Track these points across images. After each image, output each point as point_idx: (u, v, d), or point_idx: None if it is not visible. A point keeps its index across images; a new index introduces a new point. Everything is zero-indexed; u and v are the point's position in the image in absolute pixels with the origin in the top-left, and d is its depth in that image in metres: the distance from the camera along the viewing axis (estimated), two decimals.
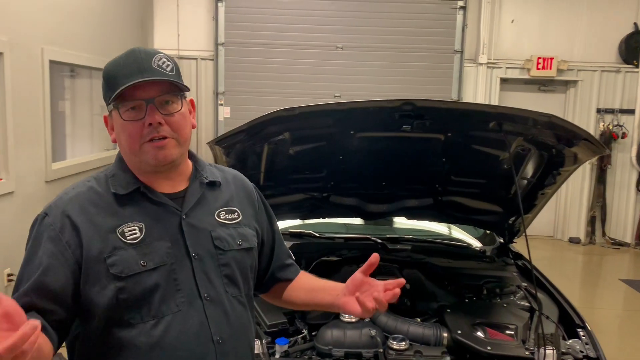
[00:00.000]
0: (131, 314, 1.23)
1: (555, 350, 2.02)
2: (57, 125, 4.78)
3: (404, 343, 2.03)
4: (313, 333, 2.18)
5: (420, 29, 7.01)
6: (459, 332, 2.11)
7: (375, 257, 1.33)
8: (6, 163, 3.81)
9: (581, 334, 2.22)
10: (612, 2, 7.19)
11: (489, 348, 2.03)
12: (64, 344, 1.29)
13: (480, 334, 2.12)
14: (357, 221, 3.30)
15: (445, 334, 2.12)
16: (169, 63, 1.30)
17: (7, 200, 3.79)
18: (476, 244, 3.26)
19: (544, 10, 7.22)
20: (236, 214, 1.42)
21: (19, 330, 0.89)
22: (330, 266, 2.69)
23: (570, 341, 2.17)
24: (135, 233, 1.26)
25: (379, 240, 2.99)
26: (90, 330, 1.25)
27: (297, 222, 3.25)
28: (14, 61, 3.84)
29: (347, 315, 2.15)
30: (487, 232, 3.27)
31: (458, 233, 3.41)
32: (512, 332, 2.15)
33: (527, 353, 2.02)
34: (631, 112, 7.27)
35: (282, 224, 3.18)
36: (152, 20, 7.16)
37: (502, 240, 3.10)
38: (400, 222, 3.38)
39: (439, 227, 3.43)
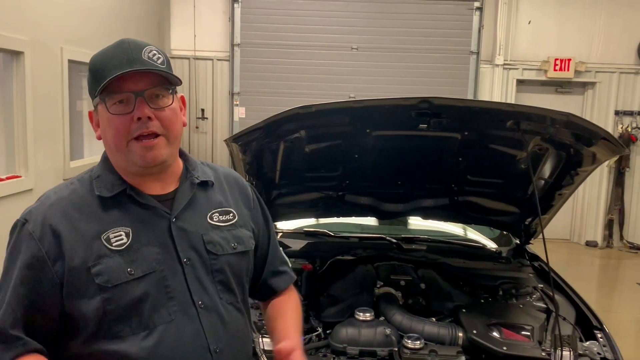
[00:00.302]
0: (120, 326, 1.16)
1: (572, 352, 2.00)
2: (75, 125, 4.84)
3: (418, 342, 2.02)
4: (328, 331, 2.18)
5: (436, 30, 6.98)
6: (475, 331, 2.09)
7: (283, 350, 1.28)
8: (26, 161, 3.87)
9: (599, 335, 2.19)
10: (631, 3, 7.09)
11: (504, 348, 2.01)
12: None
13: (495, 334, 2.10)
14: (371, 222, 3.29)
15: (460, 334, 2.10)
16: (159, 55, 1.21)
17: (27, 197, 3.85)
18: (491, 245, 3.23)
19: (561, 11, 7.16)
20: (231, 214, 1.35)
21: None
22: (345, 265, 2.69)
23: (588, 343, 2.14)
24: (122, 239, 1.18)
25: (394, 240, 2.98)
26: (76, 345, 1.18)
27: (312, 221, 3.26)
28: (34, 60, 3.90)
29: (361, 314, 2.16)
30: (503, 233, 3.24)
31: (473, 234, 3.39)
32: (528, 333, 2.13)
33: (543, 354, 2.00)
34: None
35: (297, 223, 3.20)
36: (169, 21, 7.22)
37: (518, 242, 3.07)
38: (415, 223, 3.37)
39: (454, 228, 3.41)
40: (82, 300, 1.15)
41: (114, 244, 1.17)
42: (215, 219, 1.31)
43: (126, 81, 1.16)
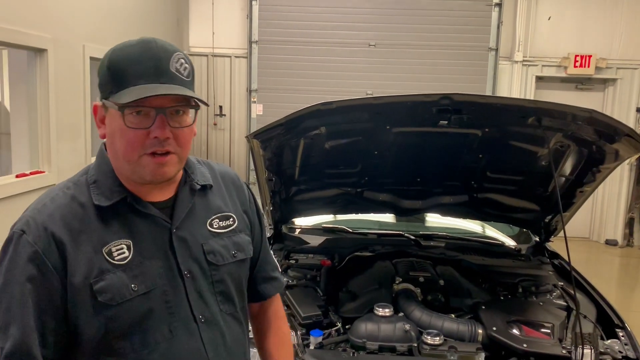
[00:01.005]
0: (121, 343, 1.11)
1: (593, 350, 1.99)
2: None
3: (438, 338, 2.03)
4: (347, 326, 2.20)
5: (454, 26, 6.94)
6: (494, 328, 2.09)
7: None
8: (49, 156, 3.95)
9: (620, 334, 2.17)
10: None
11: (524, 345, 2.01)
12: None
13: (515, 331, 2.10)
14: (389, 219, 3.30)
15: (480, 331, 2.10)
16: (186, 65, 1.12)
17: None
18: (510, 242, 3.22)
19: (581, 6, 7.07)
20: (231, 219, 1.29)
21: None
22: (364, 261, 2.70)
23: (609, 341, 2.12)
24: (124, 252, 1.11)
25: (412, 237, 2.98)
26: (73, 359, 1.13)
27: (330, 218, 3.27)
28: (57, 58, 3.97)
29: (380, 309, 2.17)
30: (523, 230, 3.23)
31: (491, 231, 3.38)
32: (549, 331, 2.13)
33: (564, 352, 1.99)
34: None
35: (315, 220, 3.22)
36: (188, 19, 7.28)
37: (537, 239, 3.05)
38: (432, 220, 3.37)
39: (472, 225, 3.40)
40: (83, 318, 1.09)
41: (116, 258, 1.11)
42: (215, 226, 1.26)
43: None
